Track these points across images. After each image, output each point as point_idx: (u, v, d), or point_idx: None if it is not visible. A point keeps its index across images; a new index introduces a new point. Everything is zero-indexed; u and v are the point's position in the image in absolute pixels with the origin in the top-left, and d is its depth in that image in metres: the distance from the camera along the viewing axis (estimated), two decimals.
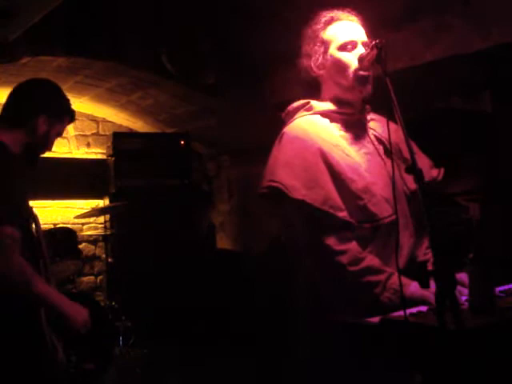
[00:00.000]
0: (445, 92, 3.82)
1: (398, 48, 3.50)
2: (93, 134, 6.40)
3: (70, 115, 2.85)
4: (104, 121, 6.49)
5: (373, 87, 2.36)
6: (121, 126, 6.58)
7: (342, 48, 2.36)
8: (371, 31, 2.44)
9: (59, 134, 2.81)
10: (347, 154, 2.31)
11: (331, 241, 2.17)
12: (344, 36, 2.37)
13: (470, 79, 3.63)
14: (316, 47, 2.40)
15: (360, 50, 2.33)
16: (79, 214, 5.36)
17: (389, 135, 2.12)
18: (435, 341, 1.61)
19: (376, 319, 1.82)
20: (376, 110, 2.49)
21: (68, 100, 2.84)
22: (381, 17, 3.37)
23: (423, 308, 1.96)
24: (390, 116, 2.05)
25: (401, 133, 2.02)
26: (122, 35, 4.44)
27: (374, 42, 2.19)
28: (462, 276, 2.02)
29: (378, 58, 2.17)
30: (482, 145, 3.54)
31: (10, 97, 2.73)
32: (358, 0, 2.50)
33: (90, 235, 6.21)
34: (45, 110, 2.68)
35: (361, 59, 2.30)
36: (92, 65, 4.85)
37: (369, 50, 2.23)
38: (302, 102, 2.45)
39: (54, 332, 2.60)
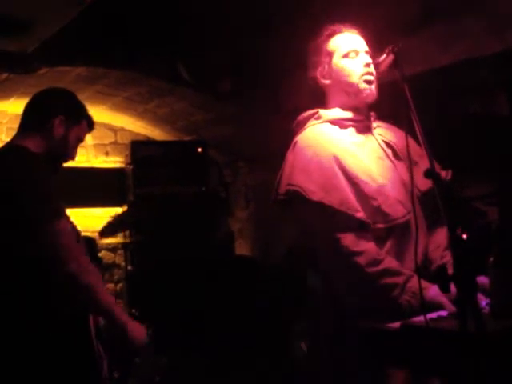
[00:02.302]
0: (461, 95, 3.80)
1: (413, 52, 3.50)
2: (111, 143, 6.43)
3: (87, 120, 2.81)
4: (122, 129, 6.52)
5: (378, 90, 2.43)
6: (138, 134, 6.61)
7: (346, 56, 2.47)
8: (387, 36, 2.47)
9: (79, 140, 2.77)
10: (359, 159, 2.35)
11: (349, 242, 2.19)
12: (346, 46, 2.49)
13: (486, 82, 3.61)
14: (321, 58, 2.52)
15: (362, 58, 2.42)
16: (99, 222, 5.40)
17: (406, 139, 2.13)
18: (457, 346, 1.60)
19: (396, 324, 1.82)
20: (387, 116, 2.54)
21: (84, 105, 2.82)
22: (396, 22, 3.38)
23: (443, 313, 1.95)
24: (407, 120, 2.06)
25: (409, 138, 2.07)
26: (139, 44, 4.47)
27: (389, 47, 2.21)
28: (482, 280, 2.02)
29: (394, 62, 2.19)
30: (500, 148, 3.52)
31: (27, 105, 2.72)
32: (373, 6, 2.52)
33: (109, 243, 6.24)
34: (60, 110, 2.65)
35: (377, 65, 2.32)
36: (110, 74, 4.88)
37: (385, 55, 2.25)
38: (311, 111, 2.52)
39: (102, 346, 2.54)
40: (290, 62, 4.07)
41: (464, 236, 1.79)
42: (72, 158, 2.78)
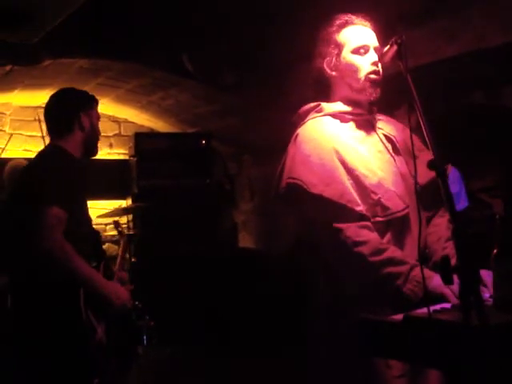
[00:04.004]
0: (467, 88, 3.79)
1: (419, 44, 3.49)
2: (115, 135, 6.44)
3: (93, 99, 3.27)
4: (126, 121, 6.52)
5: (381, 90, 2.41)
6: (142, 126, 6.60)
7: (355, 51, 2.41)
8: (392, 28, 2.45)
9: (98, 118, 3.28)
10: (359, 152, 2.35)
11: (351, 232, 2.19)
12: (357, 40, 2.42)
13: (491, 75, 3.60)
14: (330, 49, 2.45)
15: (371, 56, 2.39)
16: (102, 213, 5.39)
17: (410, 134, 2.12)
18: (460, 338, 1.60)
19: (399, 316, 1.82)
20: (382, 111, 2.53)
21: (85, 91, 3.30)
22: (402, 14, 3.36)
23: (446, 305, 1.95)
24: (410, 112, 2.05)
25: (408, 131, 2.05)
26: (142, 36, 4.46)
27: (393, 38, 2.20)
28: (483, 273, 2.02)
29: (398, 53, 2.18)
30: (506, 140, 3.52)
31: (48, 115, 3.19)
32: None
33: (113, 235, 6.24)
34: (79, 108, 3.14)
35: (381, 56, 2.31)
36: (113, 66, 4.87)
37: (389, 47, 2.24)
38: (312, 104, 2.50)
39: (93, 313, 2.83)
40: (293, 53, 4.06)
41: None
42: (100, 133, 3.29)
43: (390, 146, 2.46)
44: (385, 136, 2.48)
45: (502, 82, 3.61)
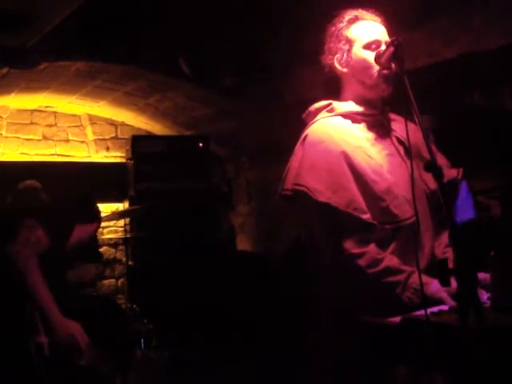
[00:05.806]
0: (465, 89, 3.78)
1: (417, 46, 3.48)
2: (112, 138, 6.42)
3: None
4: (123, 124, 6.50)
5: (393, 86, 2.35)
6: (139, 129, 6.59)
7: (367, 47, 2.35)
8: (391, 29, 2.43)
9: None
10: (369, 156, 2.30)
11: (349, 244, 2.16)
12: (369, 35, 2.36)
13: (490, 76, 3.59)
14: (340, 45, 2.39)
15: None
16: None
17: (407, 134, 2.10)
18: (457, 340, 1.59)
19: (397, 319, 1.81)
20: (395, 110, 2.48)
21: None
22: (400, 15, 3.35)
23: (444, 307, 1.94)
24: (407, 114, 2.03)
25: (419, 133, 2.02)
26: (140, 39, 4.45)
27: (390, 40, 2.18)
28: (482, 276, 2.00)
29: (395, 55, 2.16)
30: (504, 142, 3.51)
31: (84, 201, 3.81)
32: (376, 0, 2.49)
33: (111, 238, 6.23)
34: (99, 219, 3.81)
35: (378, 57, 2.29)
36: (110, 69, 4.86)
37: (385, 48, 2.22)
38: (324, 103, 2.44)
39: (42, 323, 2.91)
40: (293, 54, 4.06)
41: None
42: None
43: (401, 149, 2.40)
44: (397, 138, 2.43)
45: (501, 84, 3.60)
